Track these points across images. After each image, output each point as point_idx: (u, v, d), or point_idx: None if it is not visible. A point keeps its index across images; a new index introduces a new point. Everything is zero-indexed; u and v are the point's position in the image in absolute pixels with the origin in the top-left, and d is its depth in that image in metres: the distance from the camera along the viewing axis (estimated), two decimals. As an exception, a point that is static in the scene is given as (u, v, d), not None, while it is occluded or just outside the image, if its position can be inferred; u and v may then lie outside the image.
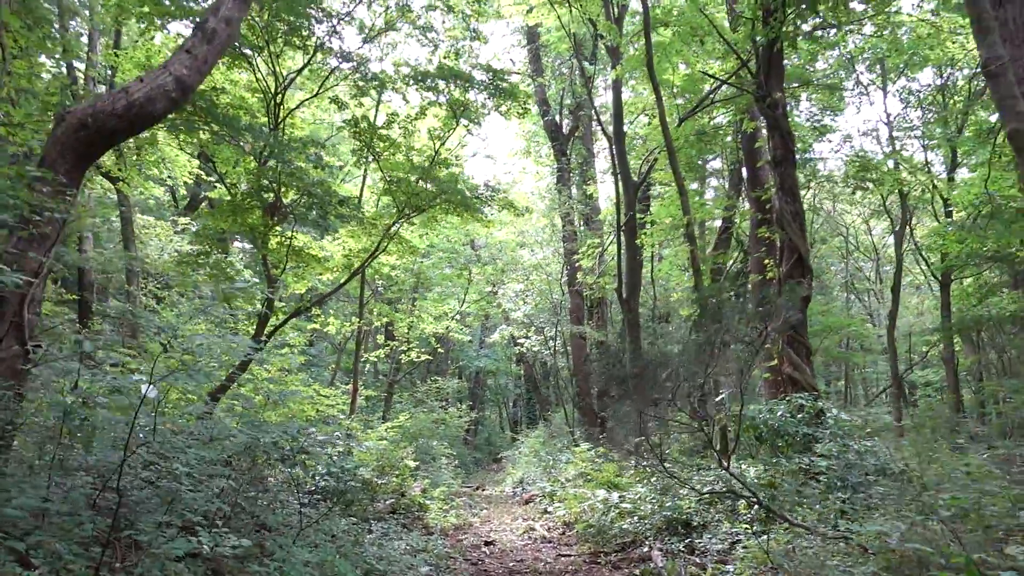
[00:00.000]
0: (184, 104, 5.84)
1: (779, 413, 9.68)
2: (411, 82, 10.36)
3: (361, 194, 13.69)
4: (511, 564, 9.38)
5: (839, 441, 8.35)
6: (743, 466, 9.55)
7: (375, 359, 20.43)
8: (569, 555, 9.94)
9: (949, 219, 19.92)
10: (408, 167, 10.87)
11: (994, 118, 15.45)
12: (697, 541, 8.29)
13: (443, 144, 11.03)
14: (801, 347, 10.82)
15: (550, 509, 13.23)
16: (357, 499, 10.37)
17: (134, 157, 14.54)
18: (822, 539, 6.35)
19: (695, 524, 8.65)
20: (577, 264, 20.85)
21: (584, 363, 21.72)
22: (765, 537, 6.63)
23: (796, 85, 15.30)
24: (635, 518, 9.72)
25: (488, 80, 10.10)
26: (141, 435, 4.24)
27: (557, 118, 22.92)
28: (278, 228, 10.71)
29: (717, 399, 9.33)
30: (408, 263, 18.42)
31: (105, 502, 4.23)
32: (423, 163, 10.86)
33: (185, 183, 20.92)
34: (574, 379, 22.18)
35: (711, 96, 13.64)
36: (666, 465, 7.49)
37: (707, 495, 7.89)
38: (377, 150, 10.48)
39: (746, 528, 7.79)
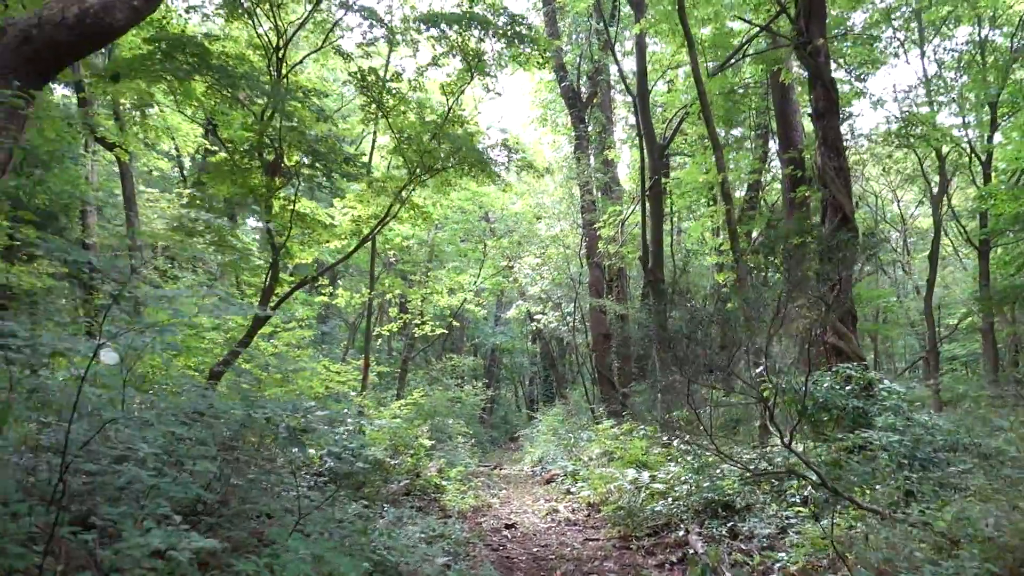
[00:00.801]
0: (149, 13, 5.06)
1: (825, 385, 8.88)
2: (422, 27, 9.51)
3: (371, 157, 12.89)
4: (535, 550, 8.68)
5: (901, 414, 7.54)
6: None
7: (387, 333, 19.66)
8: (597, 539, 9.24)
9: (988, 184, 18.90)
10: (419, 125, 10.06)
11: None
12: (740, 525, 7.55)
13: (456, 99, 10.20)
14: (846, 314, 9.99)
15: (573, 490, 12.54)
16: (369, 481, 9.71)
17: (134, 125, 13.81)
18: (894, 524, 5.58)
19: (738, 506, 7.90)
20: (597, 234, 20.03)
21: (604, 339, 20.94)
22: (827, 522, 5.87)
23: (836, 35, 14.33)
24: (669, 500, 8.99)
25: (506, 24, 9.25)
26: (102, 409, 3.55)
27: (575, 84, 21.97)
28: (281, 193, 9.96)
29: (758, 369, 8.54)
30: (421, 234, 17.62)
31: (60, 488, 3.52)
32: (436, 119, 10.04)
33: (192, 155, 20.22)
34: (593, 354, 21.41)
35: (743, 49, 12.73)
36: (713, 442, 6.72)
37: (753, 475, 7.12)
38: (386, 105, 9.66)
39: (798, 511, 7.03)
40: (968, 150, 18.86)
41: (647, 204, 13.97)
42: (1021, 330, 22.90)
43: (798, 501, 7.40)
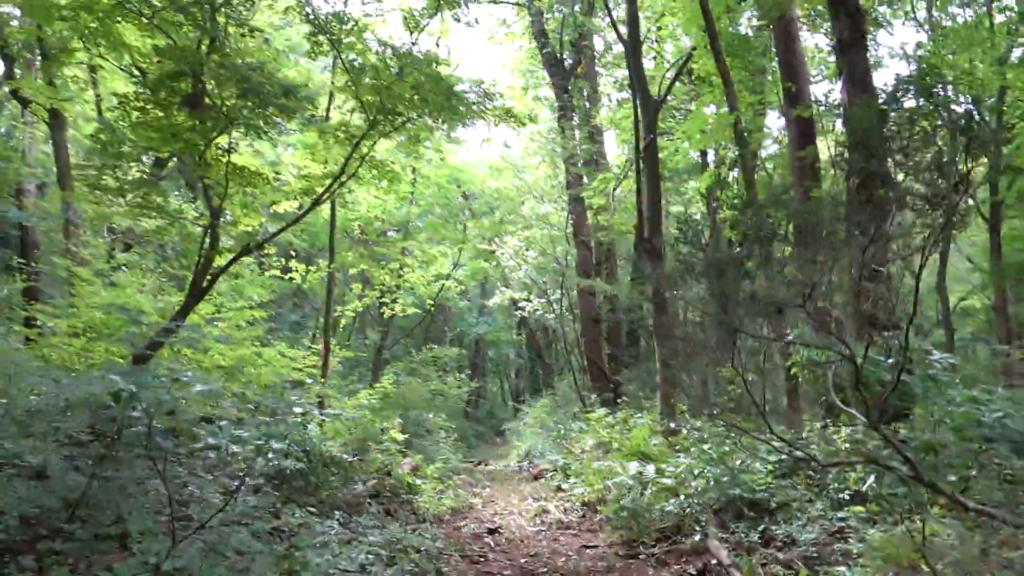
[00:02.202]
0: None
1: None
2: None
3: (329, 107, 11.33)
4: (522, 560, 7.20)
5: (980, 390, 6.12)
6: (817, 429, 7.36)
7: (352, 314, 17.86)
8: (596, 546, 7.77)
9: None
10: (379, 62, 8.52)
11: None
12: (774, 528, 6.10)
13: (421, 31, 8.69)
14: (880, 276, 8.58)
15: (565, 486, 11.07)
16: (324, 482, 8.19)
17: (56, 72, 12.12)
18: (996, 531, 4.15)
19: (771, 505, 6.45)
20: (584, 209, 18.58)
21: (593, 324, 19.49)
22: (905, 526, 4.43)
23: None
24: (680, 497, 7.53)
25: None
26: None
27: (556, 51, 20.44)
28: (220, 142, 8.40)
29: (788, 338, 7.10)
30: (391, 206, 15.99)
31: None
32: (398, 55, 8.50)
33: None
34: (582, 340, 19.96)
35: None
36: (765, 420, 5.26)
37: (822, 466, 5.62)
38: (336, 33, 8.11)
39: (852, 511, 5.59)
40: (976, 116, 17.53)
41: (641, 165, 12.49)
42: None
43: (848, 498, 5.97)
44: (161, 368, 7.77)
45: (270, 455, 7.62)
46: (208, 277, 8.91)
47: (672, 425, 9.97)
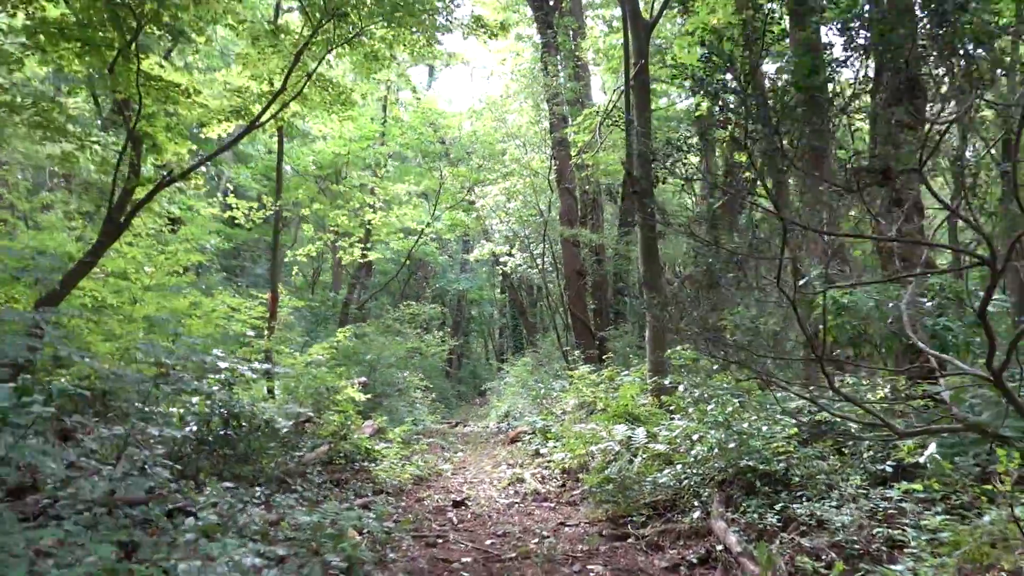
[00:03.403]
0: None
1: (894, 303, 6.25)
2: None
3: (277, 17, 9.85)
4: (488, 542, 6.04)
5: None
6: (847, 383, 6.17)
7: (304, 259, 16.29)
8: (575, 523, 6.63)
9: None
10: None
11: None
12: (796, 508, 4.93)
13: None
14: (912, 209, 7.36)
15: (543, 451, 9.94)
16: (261, 450, 6.96)
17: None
18: None
19: (791, 479, 5.26)
20: (569, 152, 17.18)
21: (578, 276, 18.25)
22: (994, 515, 3.25)
23: None
24: (677, 467, 6.37)
25: None
26: None
27: (541, -17, 18.83)
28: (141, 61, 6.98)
29: (803, 280, 5.90)
30: (358, 146, 14.47)
31: None
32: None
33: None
34: (566, 294, 18.73)
35: None
36: (824, 363, 4.06)
37: (900, 435, 4.40)
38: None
39: (905, 489, 4.41)
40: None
41: (631, 96, 11.13)
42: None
43: (890, 471, 4.80)
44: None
45: (189, 419, 6.40)
46: (127, 211, 7.59)
47: (666, 383, 8.79)
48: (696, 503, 5.79)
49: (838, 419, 4.60)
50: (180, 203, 12.64)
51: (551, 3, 19.33)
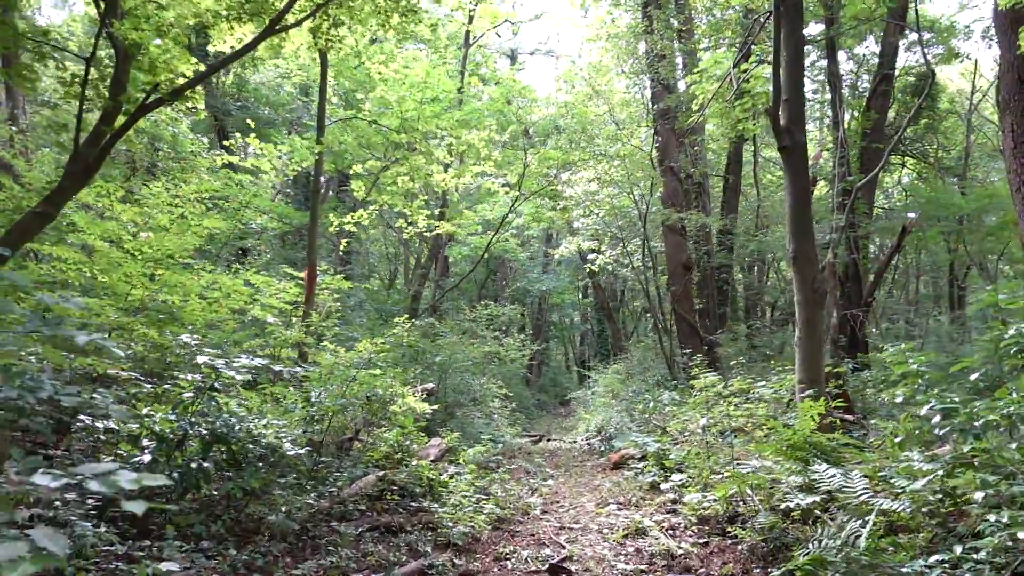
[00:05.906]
0: None
1: None
2: None
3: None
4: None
5: None
6: None
7: (352, 228, 13.56)
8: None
9: None
10: None
11: None
12: None
13: None
14: None
15: (665, 486, 7.40)
16: (267, 484, 4.70)
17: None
18: None
19: None
20: (673, 128, 14.57)
21: (684, 270, 15.57)
22: None
23: None
24: (955, 549, 3.77)
25: None
26: None
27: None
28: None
29: None
30: (431, 93, 11.95)
31: None
32: None
33: None
34: (669, 289, 16.07)
35: None
36: None
37: None
38: None
39: None
40: None
41: (780, 24, 8.48)
42: None
43: None
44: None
45: (146, 445, 4.17)
46: (101, 146, 5.49)
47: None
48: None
49: None
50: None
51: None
